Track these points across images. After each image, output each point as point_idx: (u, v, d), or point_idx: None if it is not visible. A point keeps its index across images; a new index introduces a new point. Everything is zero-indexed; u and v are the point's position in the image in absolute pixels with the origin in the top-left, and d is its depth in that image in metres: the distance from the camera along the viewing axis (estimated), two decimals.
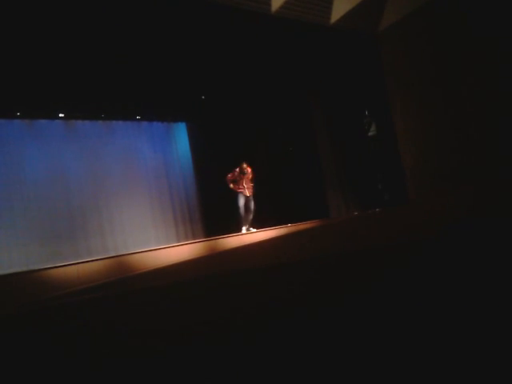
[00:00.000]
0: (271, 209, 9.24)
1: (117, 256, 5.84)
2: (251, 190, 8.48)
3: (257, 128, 11.45)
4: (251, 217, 8.43)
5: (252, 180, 8.54)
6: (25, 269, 6.97)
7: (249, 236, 7.19)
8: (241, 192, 8.40)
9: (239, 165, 8.43)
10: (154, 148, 11.28)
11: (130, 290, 2.11)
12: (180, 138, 11.86)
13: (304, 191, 10.90)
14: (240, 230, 8.16)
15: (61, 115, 9.81)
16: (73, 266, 5.11)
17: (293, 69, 9.75)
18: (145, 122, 11.34)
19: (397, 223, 5.71)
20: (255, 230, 8.15)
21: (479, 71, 7.75)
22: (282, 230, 7.62)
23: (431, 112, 8.61)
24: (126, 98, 9.43)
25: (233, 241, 6.85)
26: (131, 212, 10.40)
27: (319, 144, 10.91)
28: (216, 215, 10.42)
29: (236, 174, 8.40)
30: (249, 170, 8.44)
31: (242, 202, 8.37)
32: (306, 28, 8.39)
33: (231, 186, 8.43)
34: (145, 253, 5.90)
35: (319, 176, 10.87)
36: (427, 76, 8.61)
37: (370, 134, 10.47)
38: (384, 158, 10.10)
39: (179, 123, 11.94)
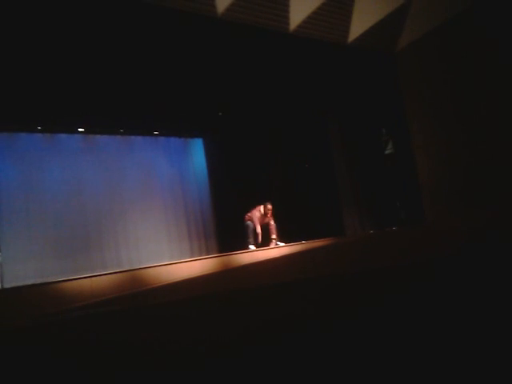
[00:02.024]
0: (286, 226, 9.18)
1: (130, 270, 5.85)
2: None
3: (273, 145, 11.47)
4: (274, 234, 8.34)
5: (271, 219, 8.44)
6: (39, 281, 7.02)
7: (262, 253, 7.14)
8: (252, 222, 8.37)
9: (261, 204, 8.37)
10: (171, 163, 11.36)
11: (143, 305, 2.12)
12: (196, 153, 11.93)
13: (319, 209, 10.85)
14: (247, 247, 8.06)
15: (80, 130, 9.97)
16: (87, 279, 5.14)
17: (310, 87, 9.80)
18: (162, 137, 11.45)
19: (411, 242, 5.65)
20: (283, 244, 8.08)
21: (496, 89, 7.70)
22: (296, 247, 7.57)
23: (448, 131, 8.55)
24: (144, 113, 9.56)
25: (246, 257, 6.82)
26: (146, 226, 10.45)
27: (335, 161, 10.88)
28: (230, 231, 10.40)
29: (258, 214, 8.31)
30: (270, 212, 8.36)
31: (251, 226, 8.31)
32: (324, 46, 8.45)
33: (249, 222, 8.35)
34: (158, 267, 5.90)
35: (335, 193, 10.81)
36: (445, 95, 8.57)
37: (386, 152, 10.42)
38: (401, 177, 10.03)
39: (196, 139, 12.02)
